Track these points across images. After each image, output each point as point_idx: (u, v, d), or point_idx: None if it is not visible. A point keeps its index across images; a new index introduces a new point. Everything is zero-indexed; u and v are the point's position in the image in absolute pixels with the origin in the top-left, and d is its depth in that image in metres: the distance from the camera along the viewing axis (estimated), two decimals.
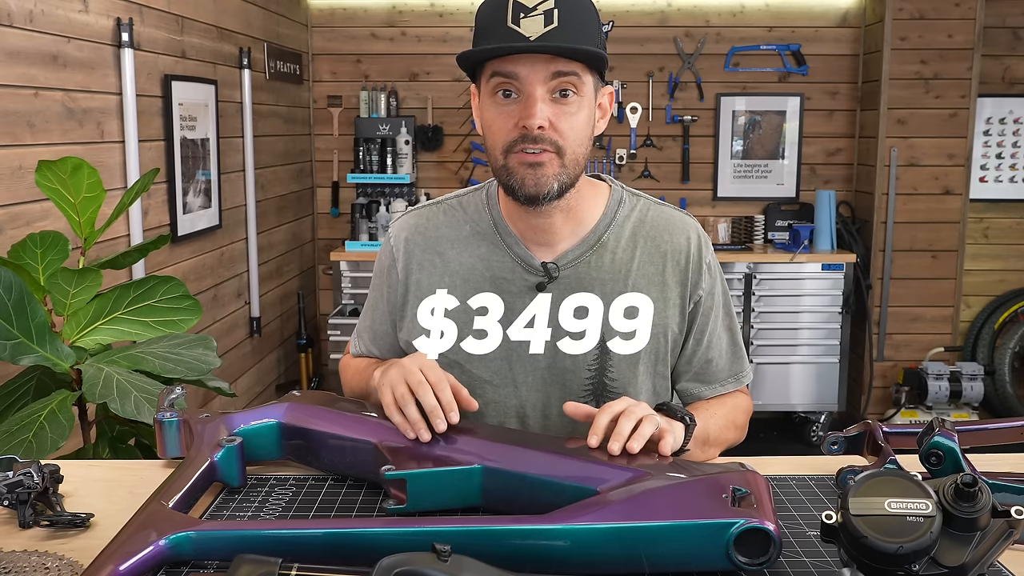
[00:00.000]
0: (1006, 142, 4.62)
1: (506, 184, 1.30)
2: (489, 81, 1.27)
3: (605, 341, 1.36)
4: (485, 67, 1.28)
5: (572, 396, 1.37)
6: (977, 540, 0.84)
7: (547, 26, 1.22)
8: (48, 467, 1.09)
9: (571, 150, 1.27)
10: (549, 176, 1.27)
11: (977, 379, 4.36)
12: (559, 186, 1.28)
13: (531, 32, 1.22)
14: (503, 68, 1.24)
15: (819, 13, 4.61)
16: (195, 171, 3.11)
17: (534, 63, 1.23)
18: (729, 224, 4.59)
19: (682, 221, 1.43)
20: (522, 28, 1.22)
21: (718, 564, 0.91)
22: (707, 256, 1.43)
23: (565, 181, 1.29)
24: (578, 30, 1.24)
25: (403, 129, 4.52)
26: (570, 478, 1.04)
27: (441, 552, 0.80)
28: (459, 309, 1.39)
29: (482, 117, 1.31)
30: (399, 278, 1.43)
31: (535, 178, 1.27)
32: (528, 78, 1.24)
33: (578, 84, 1.26)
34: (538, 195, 1.28)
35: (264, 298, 3.92)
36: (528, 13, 1.23)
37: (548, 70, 1.23)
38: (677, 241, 1.40)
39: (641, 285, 1.38)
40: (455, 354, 1.39)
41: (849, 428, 1.19)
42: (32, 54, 2.17)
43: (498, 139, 1.28)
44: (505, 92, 1.26)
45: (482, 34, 1.28)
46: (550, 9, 1.22)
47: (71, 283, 1.74)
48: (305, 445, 1.20)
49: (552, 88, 1.25)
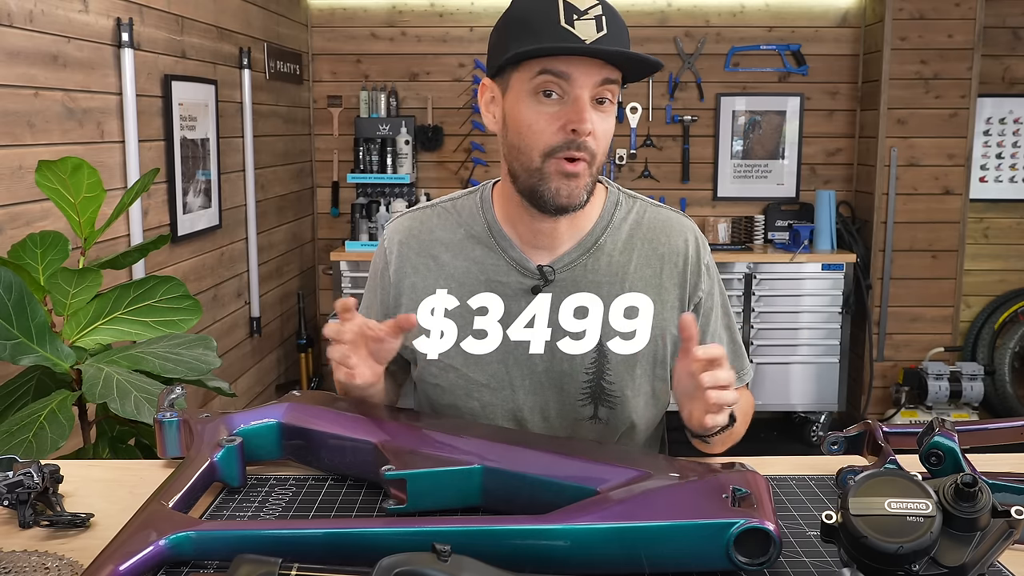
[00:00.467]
0: (1006, 142, 4.62)
1: (535, 190, 1.28)
2: (534, 79, 1.23)
3: (603, 344, 1.36)
4: (526, 64, 1.24)
5: (570, 399, 1.37)
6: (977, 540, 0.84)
7: (599, 32, 1.21)
8: (48, 467, 1.09)
9: (600, 158, 1.28)
10: (582, 187, 1.27)
11: (977, 379, 4.36)
12: (587, 195, 1.29)
13: (586, 35, 1.20)
14: (555, 67, 1.21)
15: (819, 13, 4.61)
16: (195, 171, 3.11)
17: (588, 66, 1.22)
18: (729, 224, 4.60)
19: (679, 223, 1.42)
20: (577, 30, 1.21)
21: (718, 564, 0.91)
22: (705, 257, 1.42)
23: (590, 190, 1.30)
24: (621, 39, 1.24)
25: (403, 129, 4.52)
26: (570, 478, 1.04)
27: (441, 552, 0.80)
28: (454, 312, 1.39)
29: (517, 115, 1.26)
30: (391, 281, 1.43)
31: (569, 189, 1.26)
32: (580, 80, 1.22)
33: (615, 92, 1.26)
34: (569, 206, 1.28)
35: (264, 298, 3.92)
36: (581, 15, 1.21)
37: (600, 75, 1.22)
38: (675, 243, 1.40)
39: (638, 287, 1.37)
40: (451, 358, 1.38)
41: (849, 428, 1.19)
42: (32, 54, 2.17)
43: (538, 140, 1.25)
44: (547, 92, 1.23)
45: (525, 27, 1.23)
46: (600, 15, 1.22)
47: (71, 283, 1.74)
48: (305, 445, 1.20)
49: (595, 95, 1.24)
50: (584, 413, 1.38)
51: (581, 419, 1.38)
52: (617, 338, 1.36)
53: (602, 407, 1.37)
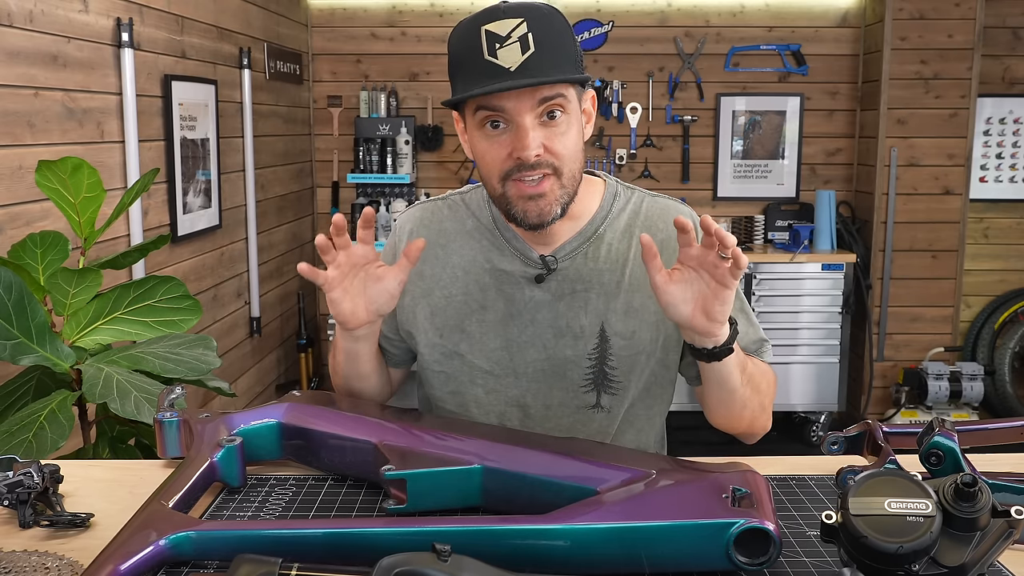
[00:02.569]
0: (1006, 142, 4.62)
1: (507, 213, 1.31)
2: (475, 115, 1.27)
3: (605, 331, 1.37)
4: (468, 101, 1.27)
5: (572, 386, 1.39)
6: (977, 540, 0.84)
7: (524, 53, 1.21)
8: (48, 467, 1.09)
9: (567, 168, 1.28)
10: (551, 202, 1.28)
11: (977, 379, 4.36)
12: (562, 208, 1.30)
13: (510, 62, 1.21)
14: (488, 103, 1.24)
15: (819, 13, 4.61)
16: (195, 171, 3.11)
17: (519, 94, 1.22)
18: (729, 224, 4.60)
19: (676, 209, 1.44)
20: (500, 59, 1.21)
21: (718, 564, 0.91)
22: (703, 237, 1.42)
23: (566, 200, 1.30)
24: (555, 50, 1.23)
25: (403, 129, 4.52)
26: (570, 478, 1.04)
27: (441, 552, 0.80)
28: (460, 301, 1.40)
29: (473, 148, 1.32)
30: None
31: (537, 209, 1.28)
32: (515, 109, 1.23)
33: (564, 103, 1.26)
34: (542, 224, 1.30)
35: (264, 298, 3.92)
36: (503, 43, 1.21)
37: (534, 98, 1.23)
38: (672, 229, 1.41)
39: (639, 275, 1.39)
40: (456, 345, 1.41)
41: (849, 428, 1.19)
42: (32, 54, 2.17)
43: (493, 169, 1.28)
44: (493, 123, 1.26)
45: (459, 67, 1.27)
46: (524, 35, 1.21)
47: (71, 283, 1.74)
48: (305, 445, 1.20)
49: (539, 113, 1.24)
50: (587, 400, 1.39)
51: (584, 406, 1.39)
52: (619, 325, 1.37)
53: (604, 394, 1.38)
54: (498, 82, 1.21)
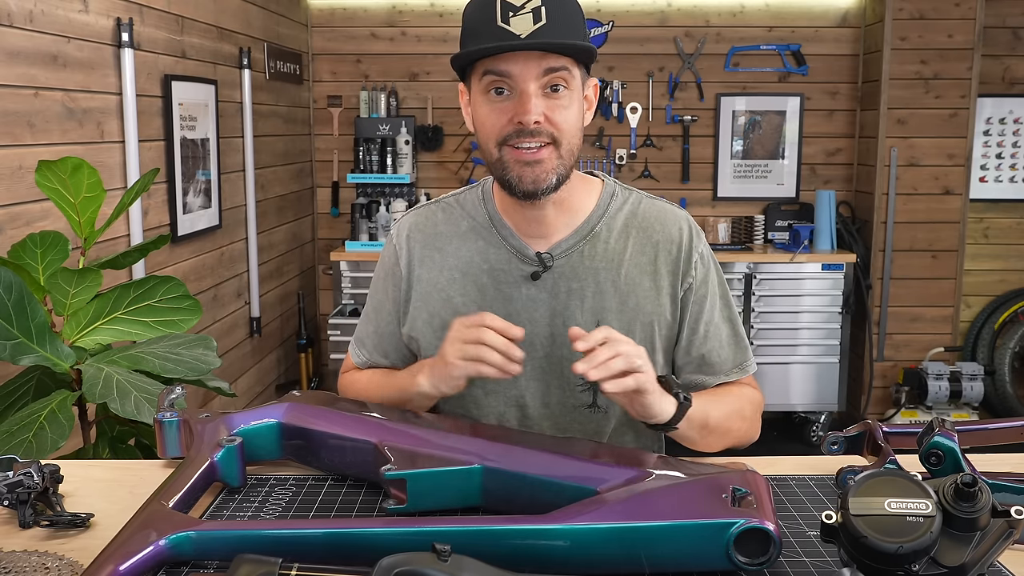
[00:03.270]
0: (1006, 142, 4.62)
1: (502, 179, 1.32)
2: (482, 80, 1.29)
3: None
4: (476, 67, 1.30)
5: (569, 386, 1.39)
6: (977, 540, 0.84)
7: (536, 23, 1.24)
8: (48, 467, 1.09)
9: (566, 141, 1.30)
10: (548, 171, 1.29)
11: (977, 379, 4.36)
12: (557, 179, 1.31)
13: (521, 30, 1.24)
14: (495, 67, 1.26)
15: (819, 13, 4.61)
16: (195, 171, 3.11)
17: (527, 60, 1.25)
18: (729, 224, 4.60)
19: (673, 213, 1.45)
20: (512, 27, 1.24)
21: (718, 564, 0.91)
22: (699, 246, 1.44)
23: (562, 173, 1.31)
24: (566, 25, 1.26)
25: (403, 129, 4.52)
26: (570, 478, 1.04)
27: (441, 552, 0.80)
28: (459, 303, 1.41)
29: (475, 114, 1.34)
30: (403, 274, 1.46)
31: (533, 175, 1.29)
32: (521, 75, 1.26)
33: (568, 78, 1.28)
34: (536, 191, 1.30)
35: (264, 298, 3.92)
36: (517, 11, 1.25)
37: (540, 67, 1.26)
38: (669, 232, 1.42)
39: (634, 274, 1.40)
40: None
41: (849, 428, 1.19)
42: (32, 54, 2.17)
43: (491, 133, 1.30)
44: (498, 90, 1.28)
45: (471, 34, 1.30)
46: (538, 7, 1.24)
47: (71, 283, 1.74)
48: (305, 445, 1.20)
49: (544, 84, 1.27)
50: (584, 400, 1.40)
51: (580, 406, 1.40)
52: (614, 323, 1.38)
53: (600, 394, 1.38)
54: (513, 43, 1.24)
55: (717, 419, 1.35)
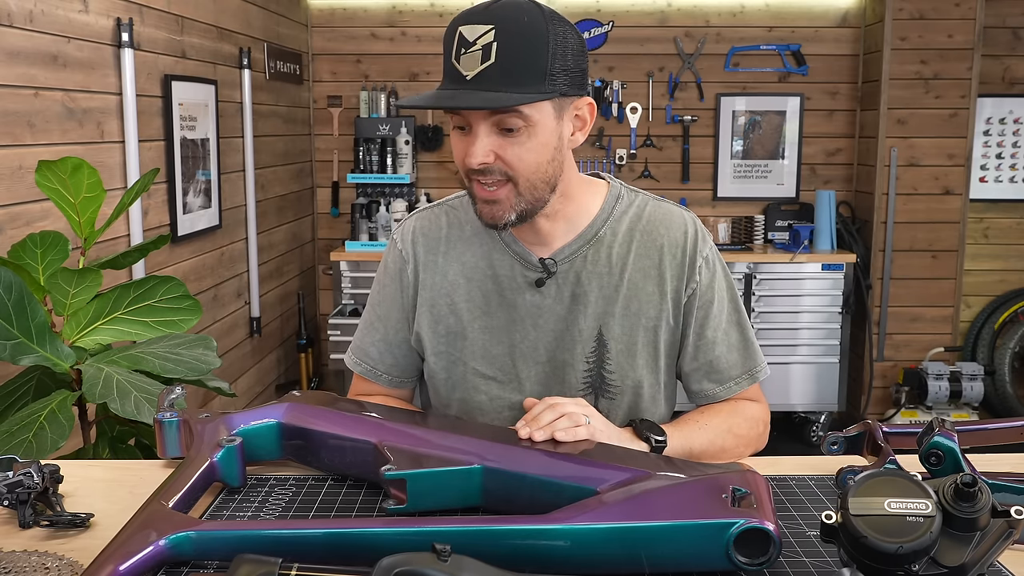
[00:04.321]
0: (1006, 142, 4.62)
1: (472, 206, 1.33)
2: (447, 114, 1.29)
3: (603, 334, 1.37)
4: None
5: (571, 390, 1.38)
6: (977, 540, 0.84)
7: (484, 63, 1.19)
8: (48, 467, 1.09)
9: (524, 178, 1.27)
10: (504, 209, 1.28)
11: (977, 379, 4.36)
12: (517, 215, 1.29)
13: (468, 70, 1.21)
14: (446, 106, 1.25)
15: (819, 13, 4.61)
16: (195, 171, 3.11)
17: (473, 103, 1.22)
18: (729, 224, 4.60)
19: (679, 215, 1.43)
20: (461, 65, 1.21)
21: (718, 564, 0.91)
22: (704, 250, 1.41)
23: (525, 208, 1.29)
24: (517, 64, 1.20)
25: (403, 129, 4.52)
26: (570, 478, 1.04)
27: (441, 552, 0.80)
28: (463, 308, 1.40)
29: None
30: (410, 280, 1.44)
31: (491, 211, 1.29)
32: (470, 115, 1.24)
33: (522, 117, 1.23)
34: (495, 225, 1.31)
35: (264, 298, 3.92)
36: (468, 48, 1.21)
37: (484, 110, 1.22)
38: (674, 235, 1.40)
39: (638, 278, 1.38)
40: (459, 353, 1.40)
41: (849, 428, 1.19)
42: (32, 54, 2.17)
43: (459, 164, 1.30)
44: (459, 125, 1.27)
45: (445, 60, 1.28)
46: (488, 43, 1.19)
47: (71, 283, 1.74)
48: (305, 445, 1.20)
49: (494, 123, 1.24)
50: None
51: None
52: (617, 329, 1.37)
53: (603, 398, 1.38)
54: (454, 88, 1.22)
55: (702, 445, 1.32)
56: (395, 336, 1.46)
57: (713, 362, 1.41)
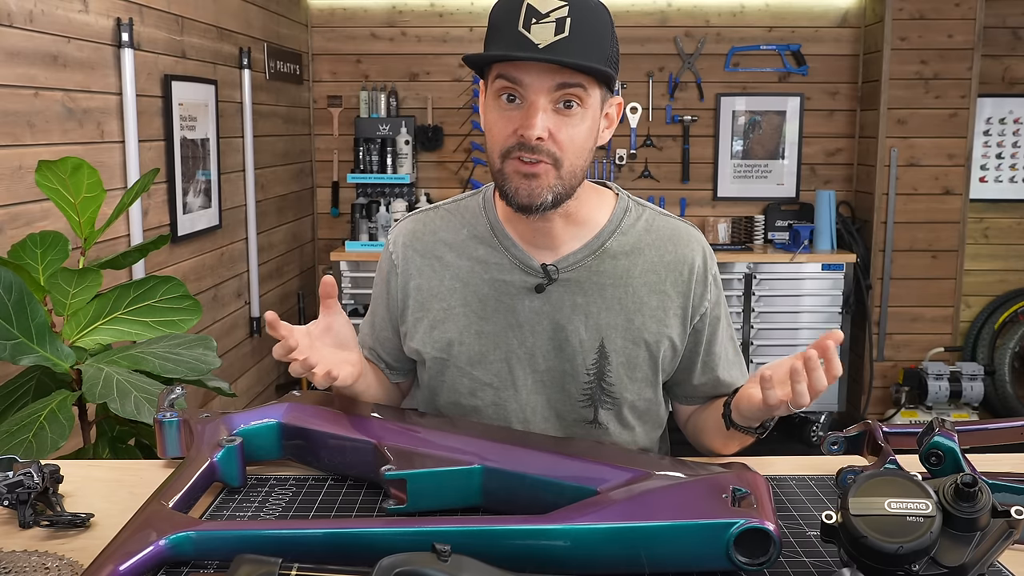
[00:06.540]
0: (1006, 142, 4.62)
1: (501, 189, 1.29)
2: (495, 82, 1.25)
3: (604, 346, 1.36)
4: (492, 67, 1.26)
5: (571, 399, 1.37)
6: (977, 540, 0.84)
7: (557, 35, 1.19)
8: (48, 467, 1.09)
9: (569, 162, 1.25)
10: (544, 187, 1.25)
11: (977, 379, 4.36)
12: (553, 197, 1.26)
13: (540, 39, 1.19)
14: (508, 72, 1.22)
15: (819, 13, 4.61)
16: (195, 171, 3.11)
17: (540, 72, 1.21)
18: (729, 224, 4.59)
19: (688, 233, 1.42)
20: (532, 34, 1.20)
21: (718, 564, 0.91)
22: (712, 269, 1.43)
23: (560, 192, 1.27)
24: (589, 42, 1.21)
25: (403, 129, 4.52)
26: (570, 478, 1.04)
27: (441, 552, 0.80)
28: (460, 313, 1.39)
29: (485, 117, 1.30)
30: (399, 284, 1.43)
31: (528, 188, 1.25)
32: (532, 86, 1.22)
33: (583, 96, 1.23)
34: (531, 205, 1.26)
35: (264, 298, 3.92)
36: (540, 19, 1.20)
37: (553, 80, 1.21)
38: (682, 253, 1.40)
39: (642, 293, 1.37)
40: (456, 358, 1.39)
41: (849, 428, 1.19)
42: (32, 54, 2.17)
43: (496, 143, 1.26)
44: (509, 96, 1.24)
45: (493, 33, 1.25)
46: (563, 17, 1.20)
47: (71, 283, 1.74)
48: (305, 445, 1.20)
49: (556, 99, 1.23)
50: (584, 415, 1.38)
51: (581, 421, 1.39)
52: (619, 341, 1.36)
53: (602, 409, 1.38)
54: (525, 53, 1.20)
55: None
56: (380, 333, 1.48)
57: (720, 376, 1.44)
